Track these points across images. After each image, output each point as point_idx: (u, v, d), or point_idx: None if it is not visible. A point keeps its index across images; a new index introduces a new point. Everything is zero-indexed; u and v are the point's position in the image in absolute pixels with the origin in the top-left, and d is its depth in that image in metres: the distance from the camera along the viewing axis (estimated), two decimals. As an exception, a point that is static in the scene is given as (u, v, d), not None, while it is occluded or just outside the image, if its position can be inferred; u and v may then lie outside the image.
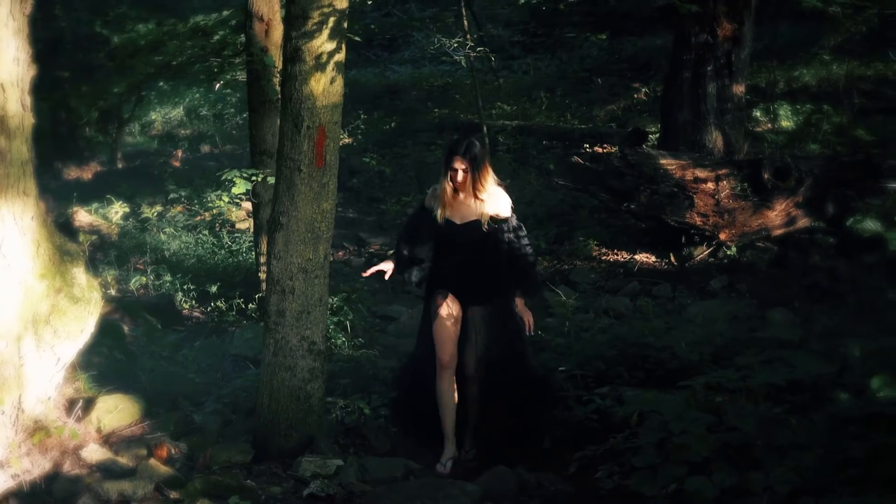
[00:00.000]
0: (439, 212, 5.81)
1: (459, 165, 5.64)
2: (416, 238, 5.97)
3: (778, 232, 9.78)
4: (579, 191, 10.97)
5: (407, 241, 6.00)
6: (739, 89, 11.42)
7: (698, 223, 9.75)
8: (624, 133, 13.30)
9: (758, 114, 14.30)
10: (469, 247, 5.83)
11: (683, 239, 9.98)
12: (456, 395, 5.80)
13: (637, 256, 10.25)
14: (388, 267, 5.98)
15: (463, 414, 5.87)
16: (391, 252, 6.23)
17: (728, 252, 9.79)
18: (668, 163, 9.94)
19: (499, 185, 5.88)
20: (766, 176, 9.62)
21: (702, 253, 9.90)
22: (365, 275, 6.14)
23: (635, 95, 16.99)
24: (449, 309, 5.79)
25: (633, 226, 10.91)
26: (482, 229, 5.76)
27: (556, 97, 17.73)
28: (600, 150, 14.16)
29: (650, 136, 12.91)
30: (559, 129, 15.74)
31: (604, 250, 10.53)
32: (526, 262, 5.94)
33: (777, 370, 4.75)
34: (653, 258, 10.19)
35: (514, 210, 5.92)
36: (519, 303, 5.86)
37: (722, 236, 9.71)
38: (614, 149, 12.44)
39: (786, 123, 14.08)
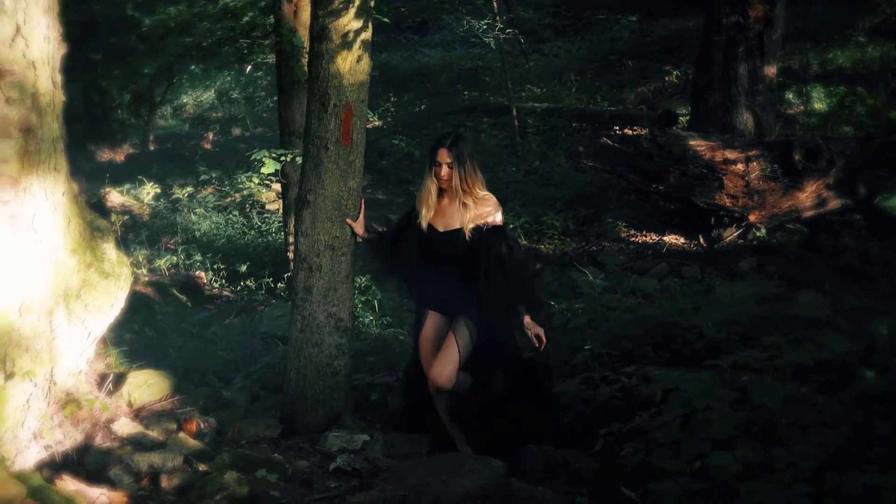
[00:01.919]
0: (423, 214, 5.43)
1: (444, 159, 5.29)
2: (399, 241, 5.61)
3: (808, 213, 9.72)
4: (608, 172, 10.95)
5: (390, 240, 5.67)
6: (771, 71, 11.34)
7: (728, 204, 9.71)
8: (654, 115, 13.24)
9: (790, 96, 14.18)
10: (451, 258, 5.42)
11: (712, 220, 9.94)
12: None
13: (666, 238, 10.21)
14: (359, 231, 5.57)
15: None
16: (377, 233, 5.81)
17: (757, 233, 9.74)
18: (698, 144, 9.89)
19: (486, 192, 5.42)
20: (796, 157, 9.55)
21: (731, 234, 9.85)
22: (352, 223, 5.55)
23: (666, 78, 16.90)
24: (432, 331, 5.49)
25: (662, 207, 10.87)
26: (465, 239, 5.34)
27: (586, 80, 17.67)
28: (630, 132, 14.11)
29: (680, 118, 12.85)
30: (589, 112, 15.70)
31: (632, 232, 10.50)
32: (524, 275, 5.45)
33: (804, 350, 4.73)
34: (681, 240, 10.15)
35: (505, 220, 5.52)
36: (526, 320, 5.36)
37: (751, 218, 9.65)
38: (644, 131, 12.39)
39: (819, 105, 13.96)
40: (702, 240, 9.99)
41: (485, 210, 5.35)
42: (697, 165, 9.76)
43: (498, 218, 5.39)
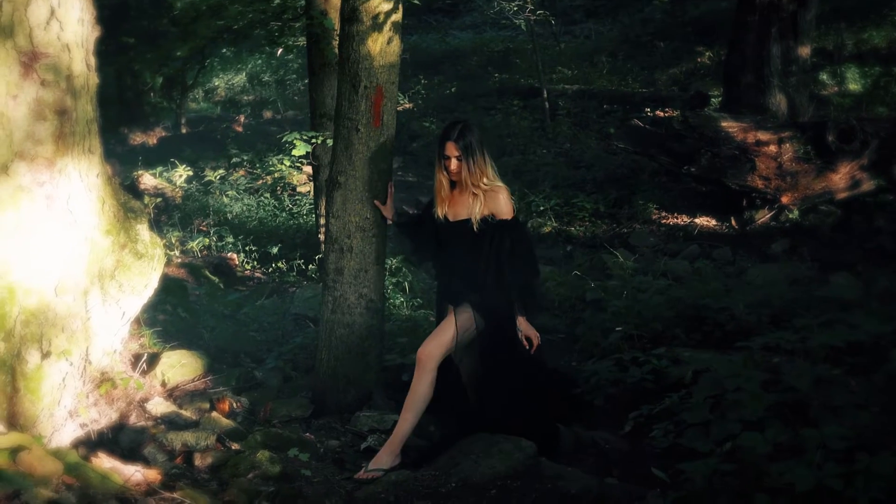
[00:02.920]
0: (438, 208, 5.29)
1: (452, 152, 5.09)
2: (423, 228, 5.50)
3: (842, 195, 9.65)
4: (639, 154, 10.91)
5: (416, 226, 5.60)
6: (805, 51, 11.23)
7: (760, 186, 9.65)
8: (685, 96, 13.17)
9: (824, 77, 14.05)
10: (461, 248, 5.24)
11: (744, 202, 9.89)
12: (428, 391, 5.14)
13: (697, 220, 10.17)
14: (387, 214, 5.56)
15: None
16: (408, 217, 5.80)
17: (790, 215, 9.67)
18: (730, 125, 9.83)
19: (497, 183, 5.18)
20: (829, 138, 9.48)
21: (763, 216, 9.79)
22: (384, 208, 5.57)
23: (698, 59, 16.78)
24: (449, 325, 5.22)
25: (694, 189, 10.82)
26: (473, 229, 5.15)
27: (617, 61, 17.59)
28: (661, 114, 14.03)
29: (713, 99, 12.76)
30: (620, 94, 15.63)
31: (663, 214, 10.47)
32: (522, 275, 5.22)
33: (836, 332, 4.70)
34: (713, 221, 10.10)
35: (517, 214, 5.31)
36: (520, 320, 5.20)
37: (784, 199, 9.59)
38: (676, 113, 12.33)
39: (853, 86, 13.82)
40: (733, 222, 9.93)
41: (493, 201, 5.14)
42: (729, 147, 9.70)
43: (506, 211, 5.17)
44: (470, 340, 5.24)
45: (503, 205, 5.15)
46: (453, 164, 5.11)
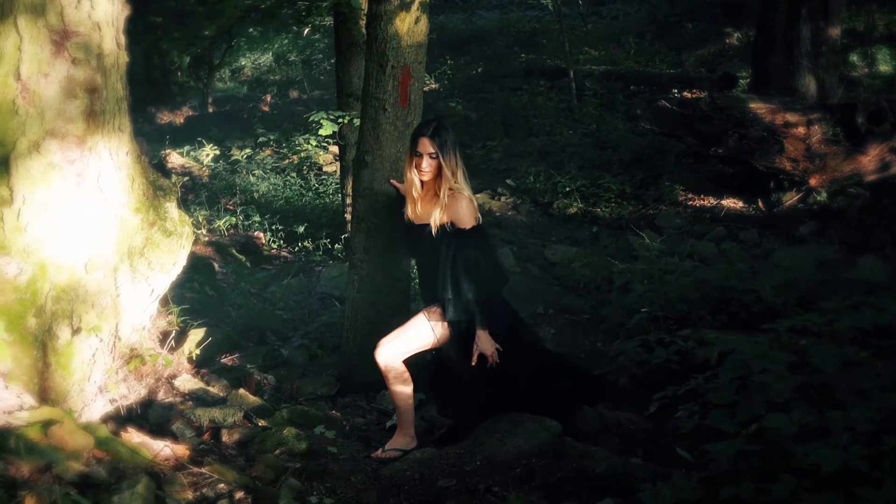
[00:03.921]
0: (408, 207, 5.05)
1: (426, 149, 4.82)
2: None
3: (871, 177, 9.56)
4: (666, 135, 10.86)
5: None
6: (835, 32, 11.11)
7: (788, 168, 9.58)
8: (713, 77, 13.07)
9: (854, 58, 13.92)
10: (423, 252, 5.07)
11: (772, 184, 9.82)
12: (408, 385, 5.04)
13: (724, 202, 10.11)
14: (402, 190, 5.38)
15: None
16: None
17: (818, 198, 9.60)
18: (758, 107, 9.76)
19: (460, 190, 4.89)
20: (859, 120, 9.39)
21: (791, 198, 9.72)
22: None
23: (727, 40, 16.64)
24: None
25: (721, 171, 10.76)
26: (431, 235, 4.89)
27: (644, 42, 17.47)
28: (689, 95, 13.94)
29: (741, 81, 12.66)
30: (647, 74, 15.52)
31: (690, 195, 10.41)
32: (480, 287, 4.88)
33: (863, 314, 4.68)
34: (740, 203, 10.05)
35: (479, 223, 4.96)
36: (479, 334, 4.86)
37: (812, 182, 9.52)
38: (703, 94, 12.24)
39: (884, 68, 13.69)
40: (760, 204, 9.87)
41: (453, 209, 4.86)
42: (757, 128, 9.64)
43: (466, 220, 4.87)
44: (448, 339, 5.07)
45: (463, 213, 4.86)
46: (425, 161, 4.84)
